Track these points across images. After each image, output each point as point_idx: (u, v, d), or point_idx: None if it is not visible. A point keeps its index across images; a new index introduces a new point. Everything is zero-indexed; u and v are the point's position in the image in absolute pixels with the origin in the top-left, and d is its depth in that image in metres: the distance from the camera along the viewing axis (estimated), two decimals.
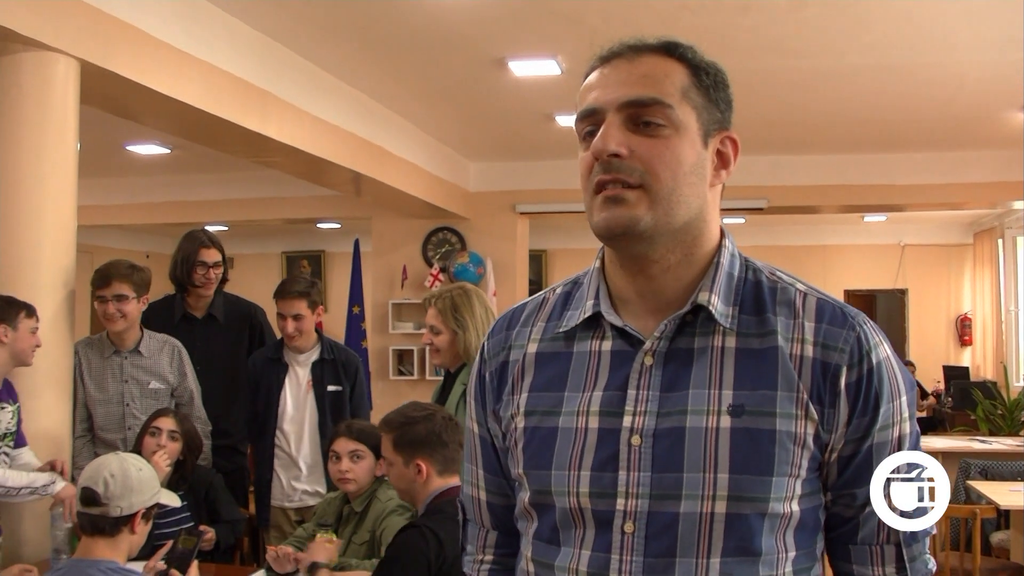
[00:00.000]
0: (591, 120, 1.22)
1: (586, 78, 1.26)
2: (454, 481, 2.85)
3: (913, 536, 1.22)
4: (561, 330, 1.29)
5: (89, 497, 2.48)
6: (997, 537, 5.51)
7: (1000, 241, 10.40)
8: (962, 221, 11.26)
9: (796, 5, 4.40)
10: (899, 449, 1.20)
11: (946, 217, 10.92)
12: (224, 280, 4.42)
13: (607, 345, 1.24)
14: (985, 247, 10.85)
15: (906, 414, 1.21)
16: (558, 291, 1.36)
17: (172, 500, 2.74)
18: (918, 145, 7.49)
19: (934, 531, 1.26)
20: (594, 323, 1.26)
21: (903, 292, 11.58)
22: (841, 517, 1.23)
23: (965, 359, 11.40)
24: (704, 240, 1.24)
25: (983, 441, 7.05)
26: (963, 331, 11.55)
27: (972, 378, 10.32)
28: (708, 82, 1.22)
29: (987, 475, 5.72)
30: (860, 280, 11.13)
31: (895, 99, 6.06)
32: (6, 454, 3.29)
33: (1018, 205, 8.52)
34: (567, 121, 6.68)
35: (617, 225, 1.18)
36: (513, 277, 8.45)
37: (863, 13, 4.52)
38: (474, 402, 1.39)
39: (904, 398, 1.21)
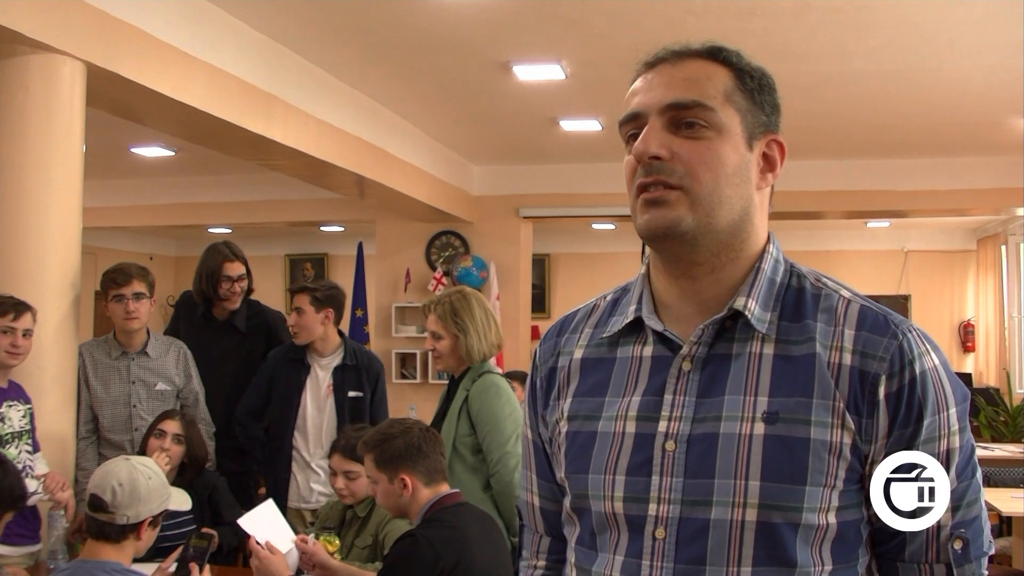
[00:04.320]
0: (634, 124, 1.22)
1: (632, 84, 1.25)
2: (444, 490, 2.86)
3: (964, 556, 1.17)
4: (605, 335, 1.29)
5: (97, 504, 2.48)
6: (999, 544, 5.50)
7: (1003, 247, 10.38)
8: (965, 227, 11.25)
9: (801, 10, 4.41)
10: (947, 463, 1.15)
11: (949, 223, 10.91)
12: (250, 290, 4.44)
13: (648, 350, 1.24)
14: (988, 253, 10.82)
15: (955, 427, 1.16)
16: (608, 298, 1.36)
17: (182, 504, 2.73)
18: (922, 151, 7.49)
19: (992, 551, 1.21)
20: (637, 328, 1.27)
21: (906, 298, 11.55)
22: (886, 532, 1.18)
23: (968, 365, 11.38)
24: (750, 243, 1.23)
25: (986, 448, 7.04)
26: (966, 337, 11.53)
27: (975, 384, 10.31)
28: (752, 85, 1.22)
29: (989, 482, 5.71)
30: (863, 286, 10.89)
31: (899, 104, 6.06)
32: (28, 454, 3.29)
33: (1021, 211, 8.51)
34: (571, 125, 6.70)
35: (659, 227, 1.18)
36: (516, 281, 8.45)
37: (867, 18, 4.52)
38: (528, 408, 1.39)
39: (953, 410, 1.16)
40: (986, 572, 1.20)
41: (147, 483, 2.55)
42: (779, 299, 1.22)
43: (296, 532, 4.06)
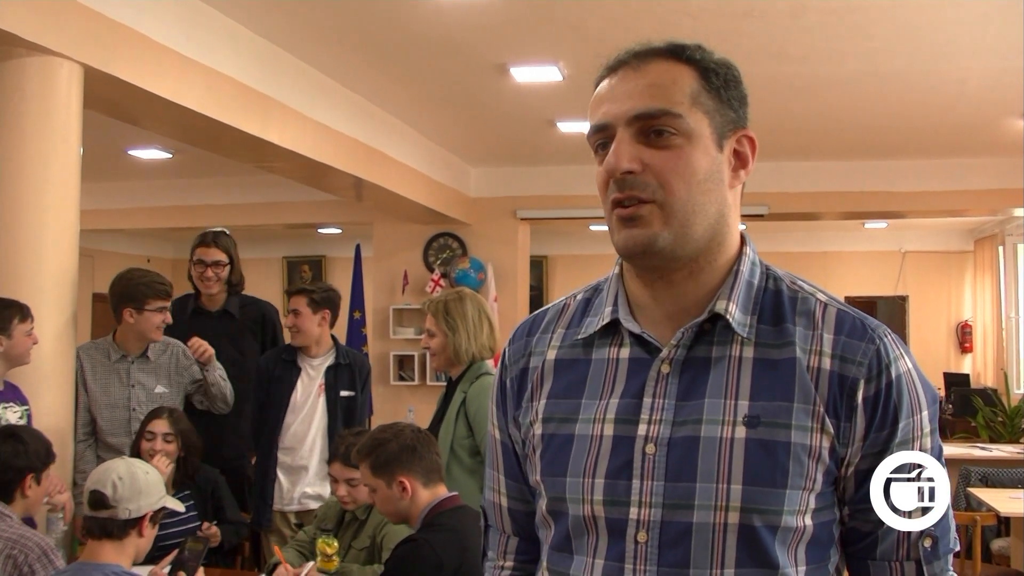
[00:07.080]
0: (603, 134, 1.21)
1: (596, 87, 1.24)
2: (443, 492, 2.86)
3: (934, 553, 1.19)
4: (580, 337, 1.28)
5: (98, 500, 2.49)
6: (997, 544, 5.51)
7: (1001, 248, 10.41)
8: (963, 228, 11.27)
9: (797, 11, 4.41)
10: None
11: (947, 224, 10.93)
12: (234, 283, 4.43)
13: (625, 352, 1.24)
14: (986, 254, 10.85)
15: (927, 429, 1.18)
16: (579, 297, 1.35)
17: (176, 506, 2.74)
18: (919, 152, 7.50)
19: (957, 547, 1.22)
20: (612, 330, 1.26)
21: (904, 299, 11.58)
22: (859, 532, 1.20)
23: (966, 366, 11.39)
24: (726, 245, 1.22)
25: (984, 448, 7.04)
26: (964, 338, 11.55)
27: (972, 385, 10.32)
28: (719, 83, 1.20)
29: (987, 482, 5.72)
30: (861, 287, 11.14)
31: (896, 106, 6.07)
32: None
33: (1019, 212, 8.52)
34: (568, 127, 6.70)
35: (636, 245, 1.17)
36: (514, 283, 8.45)
37: (864, 20, 4.53)
38: (495, 408, 1.38)
39: (925, 412, 1.18)
40: (952, 568, 1.22)
41: (146, 477, 2.57)
42: (758, 302, 1.22)
43: (282, 532, 4.06)
